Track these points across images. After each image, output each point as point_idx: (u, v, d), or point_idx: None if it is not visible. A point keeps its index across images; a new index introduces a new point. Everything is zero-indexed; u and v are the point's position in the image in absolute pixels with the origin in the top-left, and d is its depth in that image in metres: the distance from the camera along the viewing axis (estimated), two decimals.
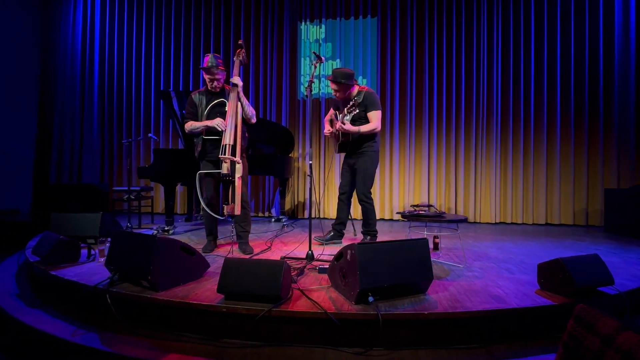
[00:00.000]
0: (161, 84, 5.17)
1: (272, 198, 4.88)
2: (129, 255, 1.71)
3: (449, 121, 4.55)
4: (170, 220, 3.31)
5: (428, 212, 2.43)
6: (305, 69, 4.89)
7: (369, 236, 2.70)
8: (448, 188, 4.54)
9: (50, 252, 2.08)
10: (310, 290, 1.68)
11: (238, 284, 1.52)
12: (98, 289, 1.67)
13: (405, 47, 4.64)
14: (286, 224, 3.92)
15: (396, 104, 4.64)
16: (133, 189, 3.82)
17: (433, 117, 4.57)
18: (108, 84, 5.30)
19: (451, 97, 4.55)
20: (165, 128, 5.15)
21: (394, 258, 1.56)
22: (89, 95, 5.31)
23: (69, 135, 5.31)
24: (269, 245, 2.77)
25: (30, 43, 5.29)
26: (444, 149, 4.54)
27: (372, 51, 4.70)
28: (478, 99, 4.50)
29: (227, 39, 5.04)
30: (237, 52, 2.46)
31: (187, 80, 5.13)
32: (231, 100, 2.34)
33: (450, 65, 4.55)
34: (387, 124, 4.66)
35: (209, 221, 2.54)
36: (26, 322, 1.65)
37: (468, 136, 4.52)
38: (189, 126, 2.39)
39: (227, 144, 2.26)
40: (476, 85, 4.50)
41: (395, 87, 4.65)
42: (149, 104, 5.21)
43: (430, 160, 4.58)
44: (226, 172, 2.23)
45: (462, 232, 3.57)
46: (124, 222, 3.41)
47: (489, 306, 1.49)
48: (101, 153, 5.29)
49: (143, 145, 5.17)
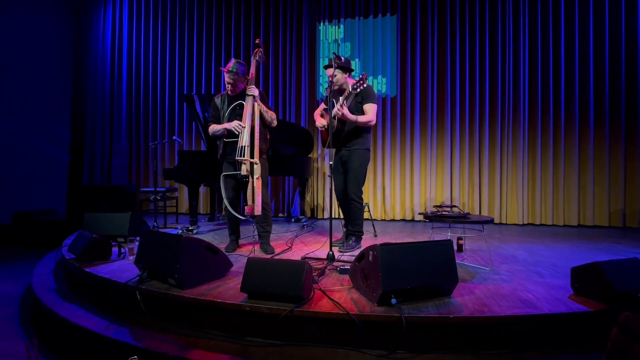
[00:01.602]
0: (185, 87, 5.33)
1: (292, 198, 4.92)
2: (157, 254, 1.78)
3: (473, 119, 4.42)
4: (194, 220, 3.39)
5: (451, 212, 2.36)
6: (323, 69, 4.89)
7: (353, 237, 2.61)
8: (472, 188, 4.41)
9: (84, 250, 2.20)
10: (331, 290, 1.67)
11: (261, 284, 1.54)
12: (128, 286, 1.75)
13: (426, 44, 4.54)
14: (306, 224, 3.94)
15: (417, 101, 4.56)
16: (159, 190, 3.96)
17: (455, 114, 4.45)
18: (135, 89, 5.53)
19: (474, 94, 4.41)
20: (188, 130, 5.31)
21: (417, 260, 1.53)
22: (117, 100, 5.56)
23: (100, 138, 5.59)
24: (289, 245, 2.79)
25: (64, 51, 5.61)
26: (467, 148, 4.41)
27: (391, 49, 4.64)
28: (503, 96, 4.34)
29: (247, 42, 5.13)
30: (255, 51, 2.48)
31: (209, 84, 5.27)
32: (247, 104, 2.36)
33: (473, 61, 4.41)
34: (408, 122, 4.58)
35: (231, 221, 2.60)
36: (63, 316, 1.76)
37: (493, 134, 4.37)
38: (211, 129, 2.46)
39: (243, 145, 2.29)
40: (501, 82, 4.34)
41: (415, 85, 4.56)
42: (173, 108, 5.39)
43: (453, 159, 4.46)
44: (245, 173, 2.26)
45: (487, 233, 3.46)
46: (151, 222, 3.54)
47: (518, 311, 1.43)
48: (129, 155, 5.53)
49: (168, 147, 5.36)
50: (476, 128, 4.39)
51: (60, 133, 5.55)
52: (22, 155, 4.98)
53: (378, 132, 4.66)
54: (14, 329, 1.91)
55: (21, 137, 4.97)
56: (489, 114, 4.38)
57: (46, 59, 5.31)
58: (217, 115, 2.49)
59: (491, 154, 4.36)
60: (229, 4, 5.18)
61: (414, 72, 4.58)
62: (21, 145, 4.97)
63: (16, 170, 4.88)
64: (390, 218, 4.59)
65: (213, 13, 5.23)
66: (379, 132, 4.66)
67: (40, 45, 5.20)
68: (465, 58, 4.44)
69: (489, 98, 4.39)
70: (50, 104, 5.38)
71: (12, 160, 4.85)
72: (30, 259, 3.23)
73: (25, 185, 4.98)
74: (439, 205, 2.51)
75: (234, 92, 2.47)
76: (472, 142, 4.42)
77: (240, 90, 2.50)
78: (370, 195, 4.67)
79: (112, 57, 5.60)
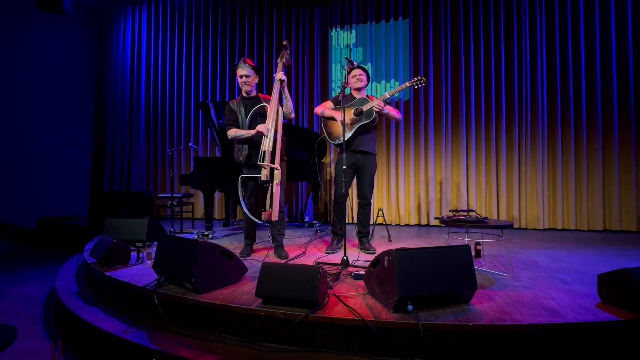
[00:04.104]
0: (200, 96, 5.46)
1: (305, 204, 4.93)
2: (174, 259, 1.81)
3: (489, 121, 4.33)
4: (210, 225, 3.44)
5: (468, 217, 2.29)
6: (336, 74, 4.91)
7: (364, 238, 2.76)
8: (489, 191, 4.30)
9: (105, 255, 2.26)
10: (346, 296, 1.66)
11: (275, 289, 1.54)
12: (147, 290, 1.78)
13: (439, 47, 4.50)
14: (319, 229, 3.93)
15: (430, 104, 4.51)
16: (175, 196, 4.05)
17: (471, 117, 4.37)
18: (153, 98, 5.71)
19: (490, 96, 4.32)
20: (204, 137, 5.43)
21: (434, 265, 1.50)
22: (136, 109, 5.75)
23: (120, 146, 5.78)
24: (303, 250, 2.79)
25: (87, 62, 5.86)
26: (483, 151, 4.32)
27: (404, 53, 4.62)
28: (521, 97, 4.23)
29: (260, 49, 5.22)
30: (281, 53, 2.49)
31: (223, 91, 5.38)
32: (273, 95, 2.37)
33: (488, 62, 4.34)
34: (422, 125, 4.53)
35: (248, 224, 2.62)
36: (85, 319, 1.81)
37: (510, 137, 4.26)
38: (233, 132, 2.47)
39: (265, 150, 2.31)
40: (518, 84, 4.24)
41: (429, 88, 4.52)
42: (189, 116, 5.53)
43: (469, 163, 4.37)
44: (265, 178, 2.27)
45: (507, 238, 3.36)
46: (168, 227, 3.61)
47: (541, 319, 1.38)
48: (147, 162, 5.69)
49: (184, 154, 5.48)
50: (492, 131, 4.30)
51: (83, 141, 5.78)
52: (48, 162, 5.20)
53: (391, 136, 4.63)
54: (39, 330, 1.98)
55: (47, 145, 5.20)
56: (506, 116, 4.28)
57: (70, 71, 5.56)
58: (235, 119, 2.50)
59: (509, 157, 4.26)
60: (243, 13, 5.30)
61: (427, 75, 4.54)
62: (47, 153, 5.20)
63: (42, 177, 5.10)
64: (405, 223, 4.53)
65: (227, 23, 5.36)
66: (392, 136, 4.63)
67: (64, 58, 5.46)
68: (479, 60, 4.37)
69: (506, 100, 4.29)
70: (73, 113, 5.62)
71: (39, 168, 5.07)
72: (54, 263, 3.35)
73: (50, 192, 5.19)
74: (455, 210, 2.46)
75: (249, 93, 2.52)
76: (489, 145, 4.32)
77: (254, 94, 2.55)
78: (384, 199, 4.62)
79: (131, 67, 5.81)
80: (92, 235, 3.82)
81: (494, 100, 4.31)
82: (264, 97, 2.60)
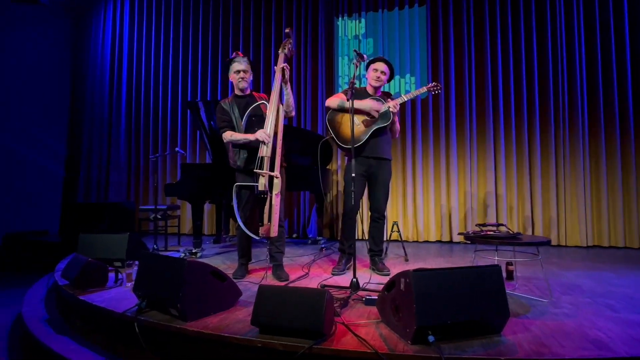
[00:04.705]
0: (188, 95, 5.55)
1: (308, 217, 4.93)
2: (157, 281, 1.81)
3: (520, 124, 4.33)
4: (199, 242, 3.46)
5: (498, 232, 2.29)
6: (343, 69, 4.97)
7: (376, 257, 2.77)
8: (522, 203, 4.27)
9: (79, 276, 2.27)
10: (356, 325, 1.65)
11: (274, 316, 1.54)
12: (126, 317, 1.78)
13: (461, 38, 4.54)
14: (325, 247, 3.93)
15: (452, 104, 4.53)
16: (159, 208, 4.08)
17: (499, 117, 4.38)
18: (136, 98, 5.81)
19: (521, 94, 4.33)
20: (192, 141, 5.49)
21: (459, 289, 1.48)
22: (116, 110, 5.84)
23: (97, 151, 5.87)
24: (306, 271, 2.79)
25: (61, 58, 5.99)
26: (514, 155, 4.31)
27: (421, 45, 4.67)
28: (557, 95, 4.24)
29: (256, 43, 5.30)
30: (284, 43, 2.52)
31: (215, 90, 5.47)
32: (274, 89, 2.39)
33: (518, 57, 4.37)
34: (442, 127, 4.54)
35: (242, 242, 2.63)
36: (55, 350, 1.81)
37: (545, 140, 4.25)
38: (228, 136, 2.51)
39: (264, 156, 2.32)
40: (553, 82, 4.25)
41: (450, 85, 4.55)
42: (175, 117, 5.61)
43: (498, 170, 4.36)
44: (263, 188, 2.29)
45: (543, 257, 3.31)
46: (151, 244, 3.62)
47: (587, 354, 1.35)
48: (128, 170, 5.76)
49: (170, 160, 5.54)
50: (524, 133, 4.30)
51: (55, 146, 5.87)
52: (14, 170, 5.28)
53: (407, 139, 4.64)
54: None
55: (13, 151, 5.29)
56: (540, 117, 4.28)
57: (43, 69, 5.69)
58: (228, 119, 2.54)
59: (544, 163, 4.24)
60: (236, 3, 5.41)
61: (447, 70, 4.57)
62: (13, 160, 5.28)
63: (7, 187, 5.17)
64: (424, 239, 4.50)
65: (220, 14, 5.47)
66: (408, 139, 4.64)
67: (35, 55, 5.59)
68: (508, 52, 4.39)
69: (539, 98, 4.29)
70: (45, 115, 5.72)
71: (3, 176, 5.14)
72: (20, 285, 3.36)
73: (17, 204, 5.25)
74: (483, 224, 2.45)
75: (245, 90, 2.57)
76: (521, 149, 4.31)
77: (248, 92, 2.60)
78: (399, 212, 4.61)
79: (111, 65, 5.93)
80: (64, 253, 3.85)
81: (526, 99, 4.32)
82: (259, 96, 2.64)
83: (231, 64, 2.55)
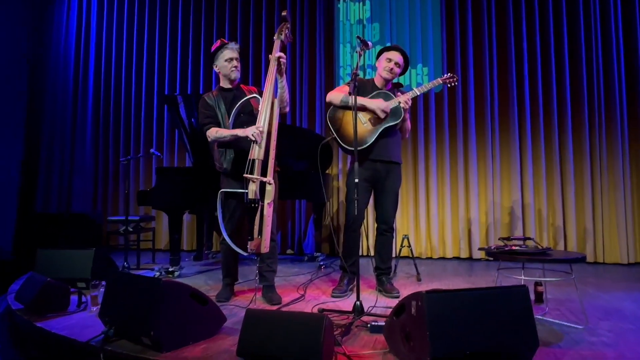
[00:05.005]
0: (166, 88, 5.56)
1: (304, 229, 4.93)
2: (128, 304, 1.80)
3: (549, 122, 4.36)
4: (176, 259, 3.44)
5: (525, 247, 2.30)
6: (345, 58, 5.01)
7: (384, 276, 2.78)
8: (552, 213, 4.28)
9: (36, 299, 2.25)
10: (360, 356, 1.64)
11: (264, 345, 1.53)
12: (91, 347, 1.77)
13: (480, 24, 4.58)
14: (323, 264, 3.93)
15: (471, 99, 4.55)
16: (131, 219, 4.05)
17: (525, 116, 4.40)
18: (105, 92, 5.80)
19: (549, 90, 4.37)
20: (170, 142, 5.49)
21: (480, 313, 1.48)
22: (82, 106, 5.84)
23: (59, 153, 5.85)
24: (301, 293, 2.79)
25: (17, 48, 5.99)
26: (542, 159, 4.33)
27: (435, 32, 4.71)
28: (591, 93, 4.28)
29: (245, 29, 5.32)
30: (280, 27, 2.54)
31: (196, 83, 5.48)
32: (268, 81, 2.40)
33: (546, 46, 4.40)
34: (460, 127, 4.57)
35: (228, 258, 2.63)
36: None
37: (578, 143, 4.28)
38: (213, 133, 2.50)
39: (255, 158, 2.32)
40: (587, 74, 4.29)
41: (469, 78, 4.57)
42: (150, 113, 5.61)
43: (524, 175, 4.38)
44: (253, 196, 2.28)
45: (578, 277, 3.31)
46: (120, 261, 3.61)
47: None
48: (94, 174, 5.75)
49: (144, 163, 5.54)
50: (554, 135, 4.32)
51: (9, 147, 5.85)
52: None
53: (419, 139, 4.66)
54: None
55: None
56: (572, 118, 4.32)
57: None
58: (214, 115, 2.55)
59: (577, 169, 4.26)
60: None
61: (465, 60, 4.60)
62: None
63: None
64: (439, 255, 4.50)
65: None
66: (420, 140, 4.66)
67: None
68: (534, 43, 4.42)
69: (571, 95, 4.33)
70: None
71: None
72: None
73: None
74: (507, 238, 2.47)
75: (233, 83, 2.58)
76: (550, 153, 4.34)
77: (237, 84, 2.62)
78: (410, 224, 4.62)
79: (77, 53, 5.93)
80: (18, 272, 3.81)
81: (556, 96, 4.35)
82: (248, 89, 2.66)
83: (221, 51, 2.56)
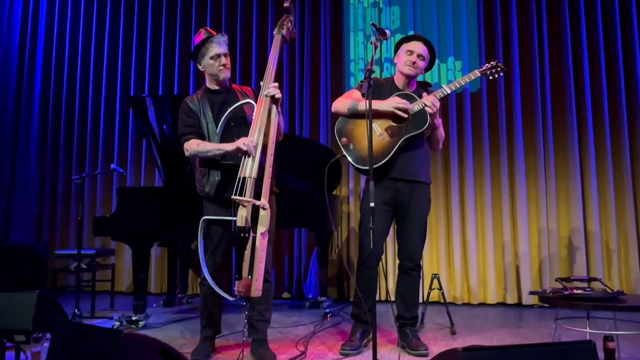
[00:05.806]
0: (131, 89, 5.63)
1: (306, 267, 4.91)
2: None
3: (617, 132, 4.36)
4: (141, 305, 3.42)
5: (590, 290, 2.30)
6: (357, 51, 5.07)
7: (408, 328, 2.75)
8: (624, 246, 4.26)
9: None
10: None
11: None
12: None
13: (527, 11, 4.64)
14: (330, 312, 3.90)
15: (517, 99, 4.58)
16: (85, 253, 4.05)
17: (587, 124, 4.41)
18: (55, 95, 5.90)
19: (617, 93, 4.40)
20: (135, 155, 5.54)
21: None
22: (26, 113, 5.92)
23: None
24: (302, 349, 2.76)
25: None
26: (610, 179, 4.32)
27: (469, 19, 4.78)
28: None
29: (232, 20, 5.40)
30: (281, 21, 2.57)
31: (170, 85, 5.55)
32: (259, 108, 2.41)
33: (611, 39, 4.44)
34: (503, 132, 4.59)
35: (208, 303, 2.61)
36: None
37: None
38: (193, 146, 2.47)
39: (247, 177, 2.30)
40: None
41: (514, 75, 4.61)
42: (111, 120, 5.68)
43: (587, 198, 4.37)
44: (243, 223, 2.26)
45: None
46: (70, 307, 3.58)
47: None
48: (40, 197, 5.79)
49: (102, 182, 5.57)
50: (625, 148, 4.32)
51: None
52: None
53: (452, 152, 4.67)
54: None
55: None
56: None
57: None
58: (195, 124, 2.54)
59: None
60: None
61: (508, 54, 4.65)
62: None
63: None
64: (479, 301, 4.47)
65: None
66: (452, 152, 4.67)
67: None
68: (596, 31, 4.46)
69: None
70: None
71: None
72: None
73: None
74: (567, 278, 2.45)
75: (223, 83, 2.60)
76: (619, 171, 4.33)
77: (226, 84, 2.63)
78: (442, 261, 4.59)
79: (21, 48, 6.03)
80: None
81: (625, 99, 4.36)
82: (241, 89, 2.68)
83: (205, 46, 2.54)
